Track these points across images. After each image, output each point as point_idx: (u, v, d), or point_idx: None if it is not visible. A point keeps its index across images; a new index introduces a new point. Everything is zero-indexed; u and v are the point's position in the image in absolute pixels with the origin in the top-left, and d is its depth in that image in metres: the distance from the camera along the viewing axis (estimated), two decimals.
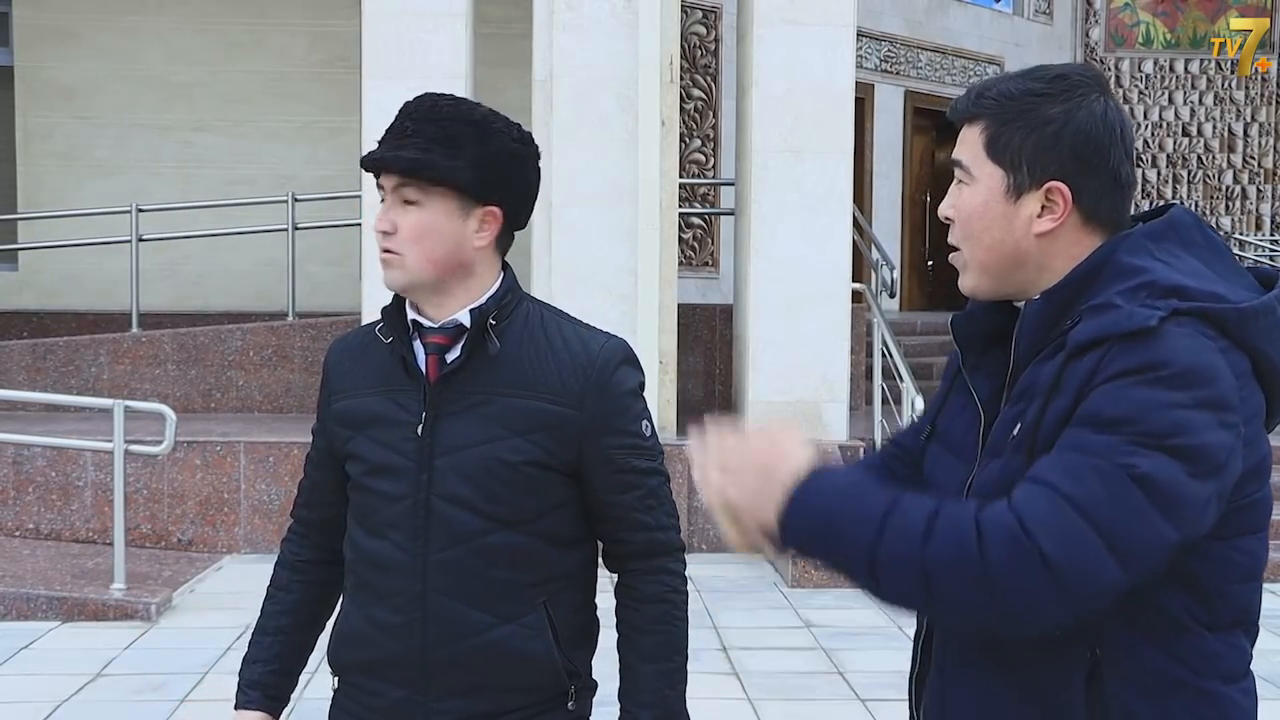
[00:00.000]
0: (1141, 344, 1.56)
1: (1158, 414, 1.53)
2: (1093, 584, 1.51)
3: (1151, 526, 1.52)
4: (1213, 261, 1.68)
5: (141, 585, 6.81)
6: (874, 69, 14.32)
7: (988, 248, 1.71)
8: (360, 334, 2.19)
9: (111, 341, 9.80)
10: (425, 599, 2.04)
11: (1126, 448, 1.52)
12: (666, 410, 8.33)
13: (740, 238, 9.00)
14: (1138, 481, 1.51)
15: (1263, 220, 16.61)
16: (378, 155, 2.03)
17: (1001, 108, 1.69)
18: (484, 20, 9.20)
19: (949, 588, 1.53)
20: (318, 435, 2.21)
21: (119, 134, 11.90)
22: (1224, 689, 1.67)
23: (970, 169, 1.71)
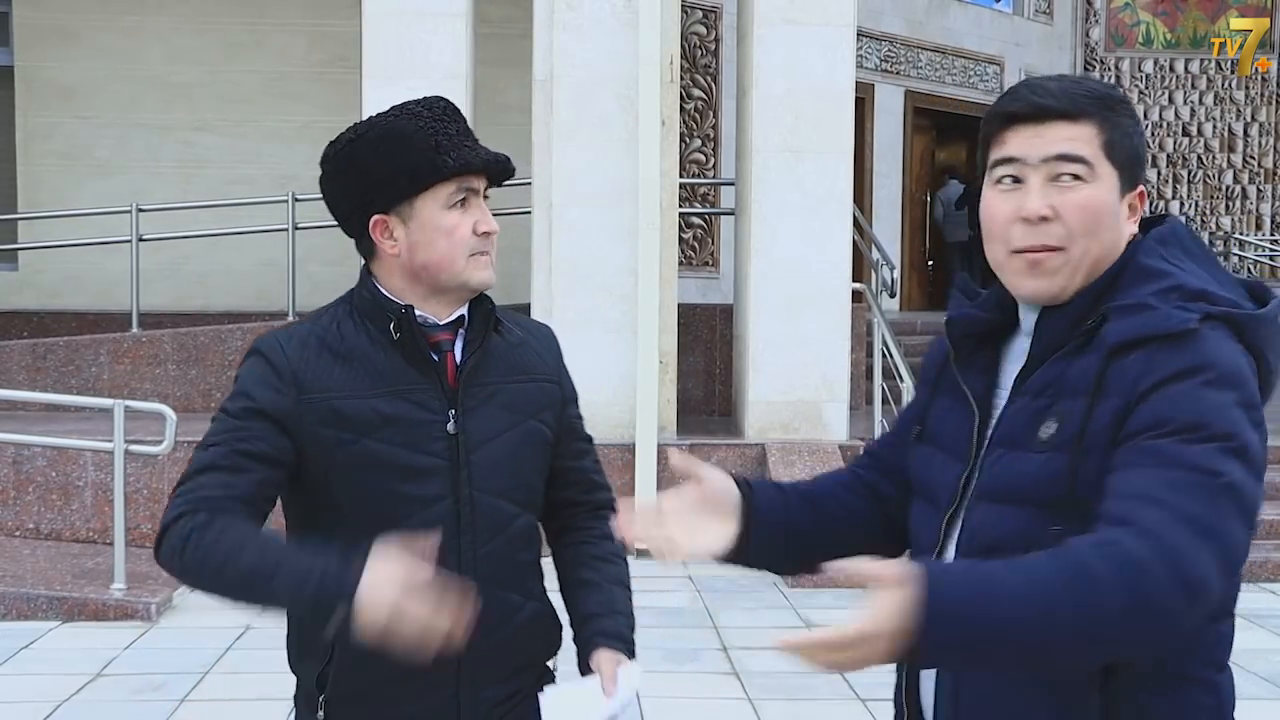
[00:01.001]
0: (1186, 346, 1.60)
1: (1220, 416, 1.57)
2: (1211, 596, 1.52)
3: (1242, 533, 1.56)
4: (1210, 269, 1.74)
5: (142, 585, 6.81)
6: (874, 69, 14.32)
7: (1106, 245, 1.72)
8: (309, 333, 2.07)
9: (112, 341, 9.80)
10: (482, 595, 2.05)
11: (1214, 455, 1.55)
12: (667, 410, 8.34)
13: (740, 237, 9.00)
14: (1231, 491, 1.55)
15: (1263, 220, 16.61)
16: (490, 157, 2.05)
17: (1105, 109, 1.72)
18: (484, 20, 9.20)
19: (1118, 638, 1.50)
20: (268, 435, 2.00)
21: (119, 134, 11.90)
22: (1218, 677, 1.71)
23: (1094, 166, 1.71)
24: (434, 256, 2.04)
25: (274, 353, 2.04)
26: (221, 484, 1.99)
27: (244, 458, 2.00)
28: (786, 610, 6.85)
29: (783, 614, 6.73)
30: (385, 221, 2.05)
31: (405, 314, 2.04)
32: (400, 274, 2.07)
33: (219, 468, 1.99)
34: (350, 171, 2.05)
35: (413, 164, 2.00)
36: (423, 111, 2.03)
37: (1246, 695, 3.08)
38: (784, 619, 6.63)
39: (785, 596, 7.13)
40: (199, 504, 1.97)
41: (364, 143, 2.04)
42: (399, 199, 2.03)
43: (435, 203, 2.03)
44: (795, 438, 8.33)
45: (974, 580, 1.50)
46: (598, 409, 8.27)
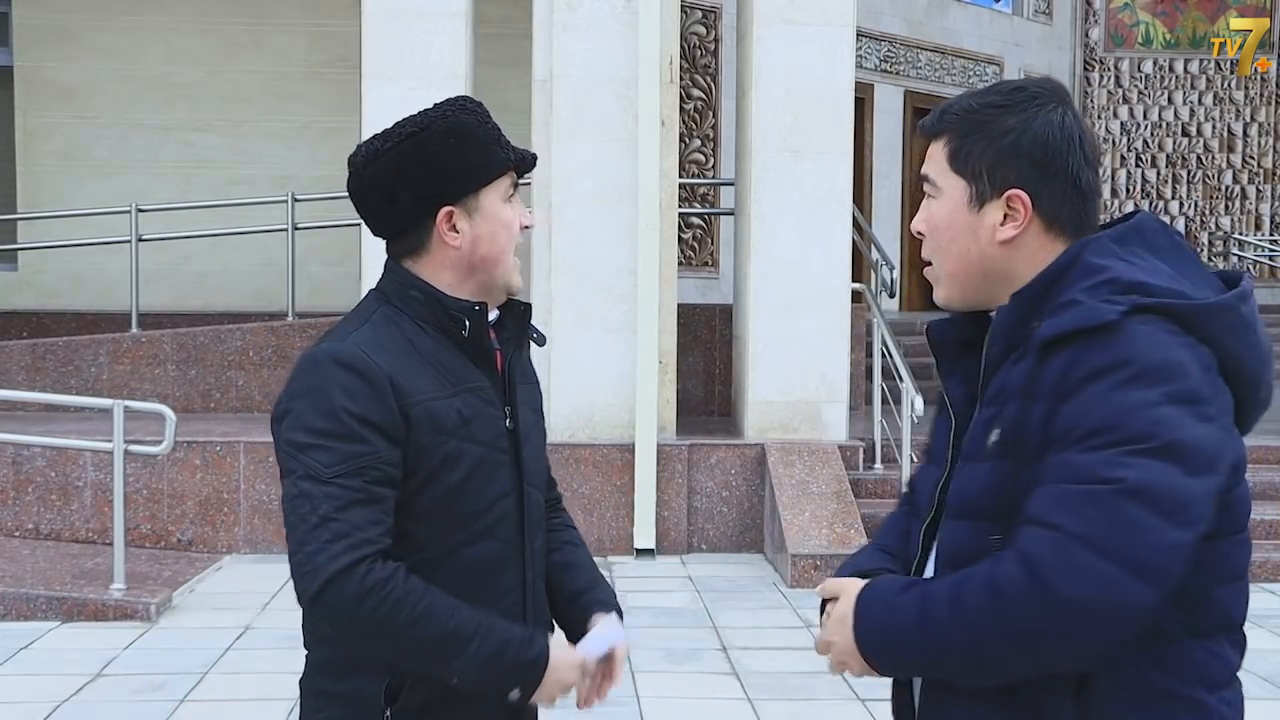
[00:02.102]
0: (1106, 341, 1.58)
1: (1133, 417, 1.54)
2: (1125, 610, 1.52)
3: (1160, 534, 1.52)
4: (1178, 264, 1.70)
5: (141, 585, 6.81)
6: (874, 69, 14.31)
7: (956, 257, 1.76)
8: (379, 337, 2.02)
9: (111, 341, 9.80)
10: (535, 588, 2.13)
11: (1112, 460, 1.53)
12: (666, 410, 8.34)
13: (740, 238, 9.00)
14: (1131, 495, 1.52)
15: (1262, 220, 16.61)
16: (530, 153, 2.13)
17: (963, 121, 1.75)
18: (484, 20, 9.20)
19: (998, 659, 1.59)
20: (387, 450, 1.95)
21: (119, 134, 11.90)
22: (1207, 697, 1.67)
23: (936, 182, 1.78)
24: (494, 250, 2.08)
25: (361, 360, 1.97)
26: (372, 520, 1.93)
27: (378, 485, 1.94)
28: (786, 610, 6.85)
29: (782, 614, 6.72)
30: (453, 213, 2.05)
31: (479, 312, 2.06)
32: (454, 268, 2.07)
33: (360, 502, 1.92)
34: (418, 164, 2.03)
35: (480, 156, 2.05)
36: (476, 108, 2.08)
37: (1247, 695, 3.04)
38: (783, 619, 6.63)
39: (785, 596, 7.13)
40: (367, 551, 1.91)
41: (431, 134, 2.04)
42: (468, 190, 2.05)
43: (496, 195, 2.08)
44: (794, 438, 8.33)
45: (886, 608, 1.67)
46: (597, 409, 8.28)
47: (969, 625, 1.58)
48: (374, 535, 1.92)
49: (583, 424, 8.25)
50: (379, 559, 1.92)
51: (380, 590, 1.89)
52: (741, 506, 8.28)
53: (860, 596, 1.70)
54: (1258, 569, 7.51)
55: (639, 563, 8.03)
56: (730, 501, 8.30)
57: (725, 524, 8.29)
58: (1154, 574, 1.53)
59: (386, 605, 1.89)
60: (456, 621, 1.92)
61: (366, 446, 1.94)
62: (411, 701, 2.00)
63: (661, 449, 8.18)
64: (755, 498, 8.26)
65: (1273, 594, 7.27)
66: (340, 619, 1.92)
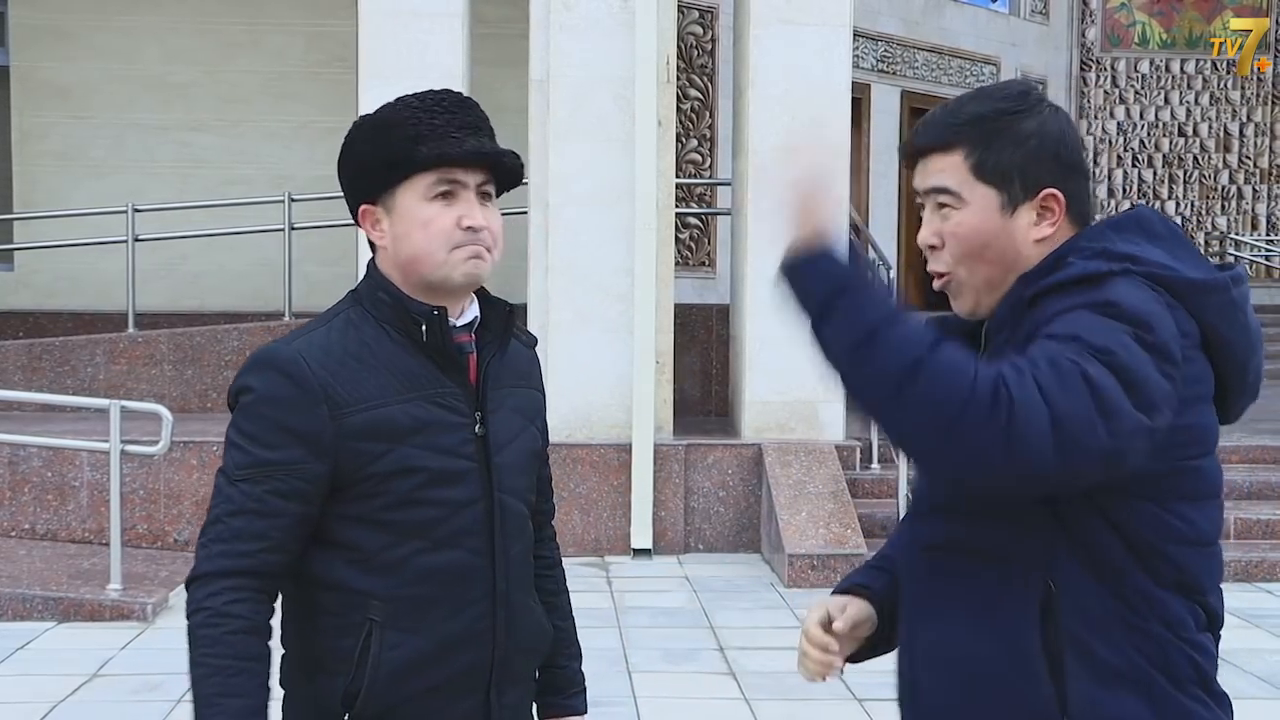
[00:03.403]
0: (1092, 286, 1.66)
1: (1101, 333, 1.61)
2: (1087, 445, 1.56)
3: (1085, 415, 1.57)
4: (1175, 249, 1.75)
5: (138, 585, 6.80)
6: (870, 69, 14.32)
7: (994, 263, 1.78)
8: (328, 340, 1.99)
9: (108, 341, 9.79)
10: (509, 598, 2.05)
11: (1079, 353, 1.59)
12: (663, 410, 8.34)
13: (737, 238, 9.00)
14: (1086, 380, 1.57)
15: (1259, 220, 16.63)
16: (471, 149, 1.99)
17: (979, 130, 1.77)
18: (481, 20, 9.19)
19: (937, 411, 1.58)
20: (304, 463, 1.94)
21: (115, 134, 11.89)
22: (1168, 635, 1.71)
23: (960, 194, 1.78)
24: (412, 249, 1.98)
25: (296, 366, 1.94)
26: (256, 534, 1.93)
27: (278, 498, 1.93)
28: (783, 610, 6.85)
29: (779, 614, 6.72)
30: (372, 211, 2.02)
31: (438, 316, 1.99)
32: (394, 268, 2.03)
33: (251, 511, 1.93)
34: (346, 160, 2.04)
35: (392, 153, 1.97)
36: (414, 102, 2.01)
37: (1244, 695, 3.11)
38: (780, 619, 6.63)
39: (782, 597, 7.13)
40: (235, 564, 1.92)
41: (359, 131, 2.03)
42: (381, 188, 2.00)
43: (414, 194, 1.98)
44: (792, 438, 8.33)
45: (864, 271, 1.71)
46: (594, 409, 8.28)
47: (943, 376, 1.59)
48: (250, 549, 1.92)
49: (580, 424, 8.25)
50: (246, 582, 1.93)
51: (208, 616, 1.91)
52: (738, 506, 8.28)
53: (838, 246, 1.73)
54: (1255, 568, 7.51)
55: (636, 562, 8.03)
56: (727, 501, 8.30)
57: (722, 524, 8.29)
58: (1067, 440, 1.56)
59: (201, 632, 1.91)
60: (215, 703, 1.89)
61: (277, 454, 1.93)
62: (376, 705, 1.97)
63: (658, 449, 8.18)
64: (752, 498, 8.26)
65: (1270, 594, 7.27)
66: (186, 612, 1.95)
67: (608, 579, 7.59)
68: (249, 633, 1.92)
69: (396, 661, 1.96)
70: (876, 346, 1.64)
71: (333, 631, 1.98)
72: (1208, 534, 1.76)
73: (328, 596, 1.99)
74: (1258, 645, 6.23)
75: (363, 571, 1.97)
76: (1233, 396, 1.78)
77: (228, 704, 1.89)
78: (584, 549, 8.09)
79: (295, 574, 2.00)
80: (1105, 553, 1.69)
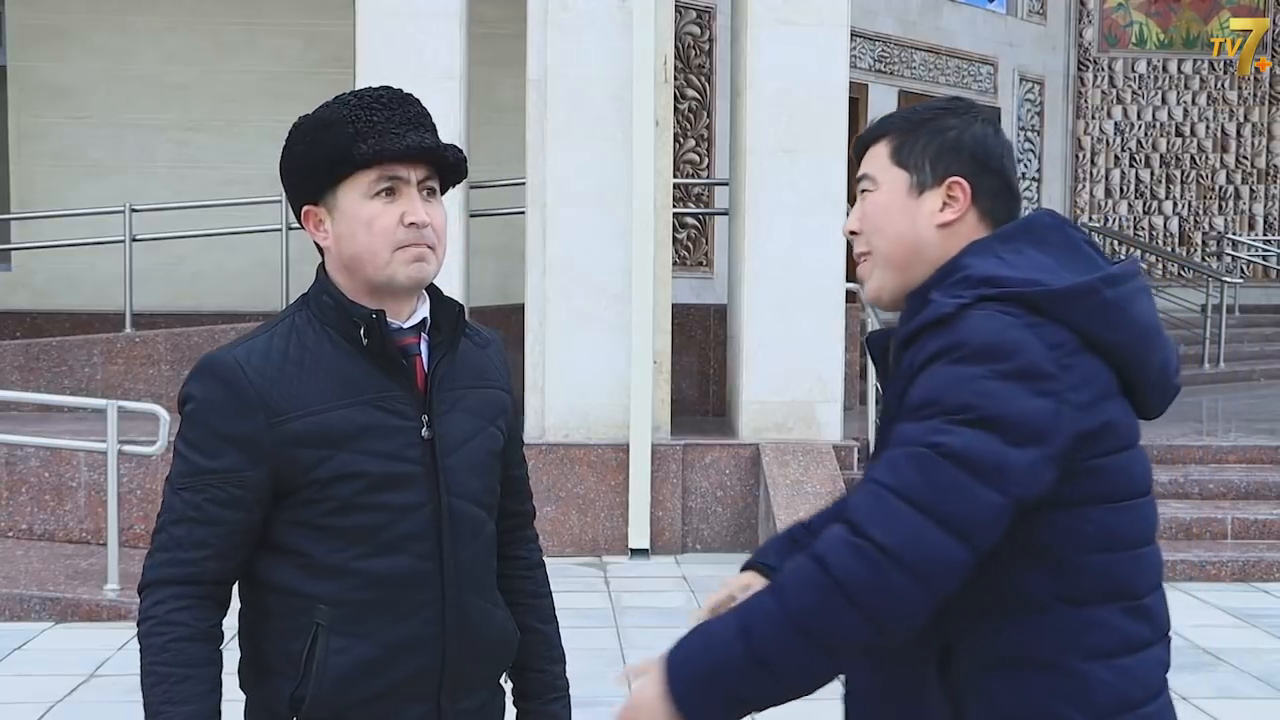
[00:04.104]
0: (945, 329, 1.71)
1: (957, 390, 1.66)
2: (935, 561, 1.61)
3: (971, 494, 1.62)
4: (1066, 257, 1.80)
5: (135, 586, 6.78)
6: (868, 69, 14.32)
7: (892, 239, 1.85)
8: (268, 346, 1.98)
9: (105, 342, 9.78)
10: (459, 602, 2.02)
11: (936, 428, 1.65)
12: (661, 410, 8.33)
13: (734, 238, 9.00)
14: (948, 458, 1.62)
15: (1255, 220, 16.64)
16: (410, 143, 1.95)
17: (906, 122, 1.88)
18: (479, 20, 9.19)
19: (827, 627, 1.62)
20: (241, 470, 1.93)
21: (113, 134, 11.88)
22: (1083, 665, 1.71)
23: (875, 177, 1.88)
24: (356, 249, 1.96)
25: (233, 373, 1.94)
26: (197, 542, 1.95)
27: (218, 506, 1.94)
28: None
29: None
30: (314, 212, 1.99)
31: (376, 319, 1.96)
32: (339, 270, 2.00)
33: (191, 520, 1.95)
34: (286, 162, 2.02)
35: (329, 151, 1.95)
36: (351, 99, 1.99)
37: (1242, 695, 3.13)
38: None
39: None
40: (177, 572, 1.95)
41: (298, 133, 2.01)
42: (322, 188, 1.97)
43: (356, 192, 1.95)
44: (789, 438, 8.33)
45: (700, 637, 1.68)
46: (592, 409, 8.28)
47: (796, 603, 1.63)
48: (192, 558, 1.95)
49: (577, 424, 8.25)
50: (191, 590, 1.95)
51: (155, 624, 1.94)
52: (736, 506, 8.28)
53: (668, 652, 1.70)
54: (1252, 568, 7.51)
55: (633, 562, 8.03)
56: (725, 501, 8.29)
57: (720, 524, 8.29)
58: (964, 530, 1.61)
59: (147, 640, 1.94)
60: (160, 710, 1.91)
61: (216, 463, 1.94)
62: (323, 709, 1.96)
63: (656, 449, 8.18)
64: (750, 498, 8.26)
65: (1268, 593, 7.28)
66: (137, 621, 1.98)
67: (605, 579, 7.59)
68: (192, 639, 1.94)
69: (342, 666, 1.95)
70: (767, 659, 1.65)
71: (281, 635, 1.98)
72: (1133, 537, 1.76)
73: (276, 600, 1.99)
74: (1256, 645, 6.24)
75: (310, 576, 1.97)
76: (1141, 393, 1.80)
77: (174, 711, 1.91)
78: (581, 549, 8.08)
79: (247, 578, 2.01)
80: (1024, 585, 1.70)
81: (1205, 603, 7.02)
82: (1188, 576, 7.43)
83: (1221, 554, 7.62)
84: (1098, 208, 16.29)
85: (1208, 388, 13.09)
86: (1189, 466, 8.64)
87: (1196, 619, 6.65)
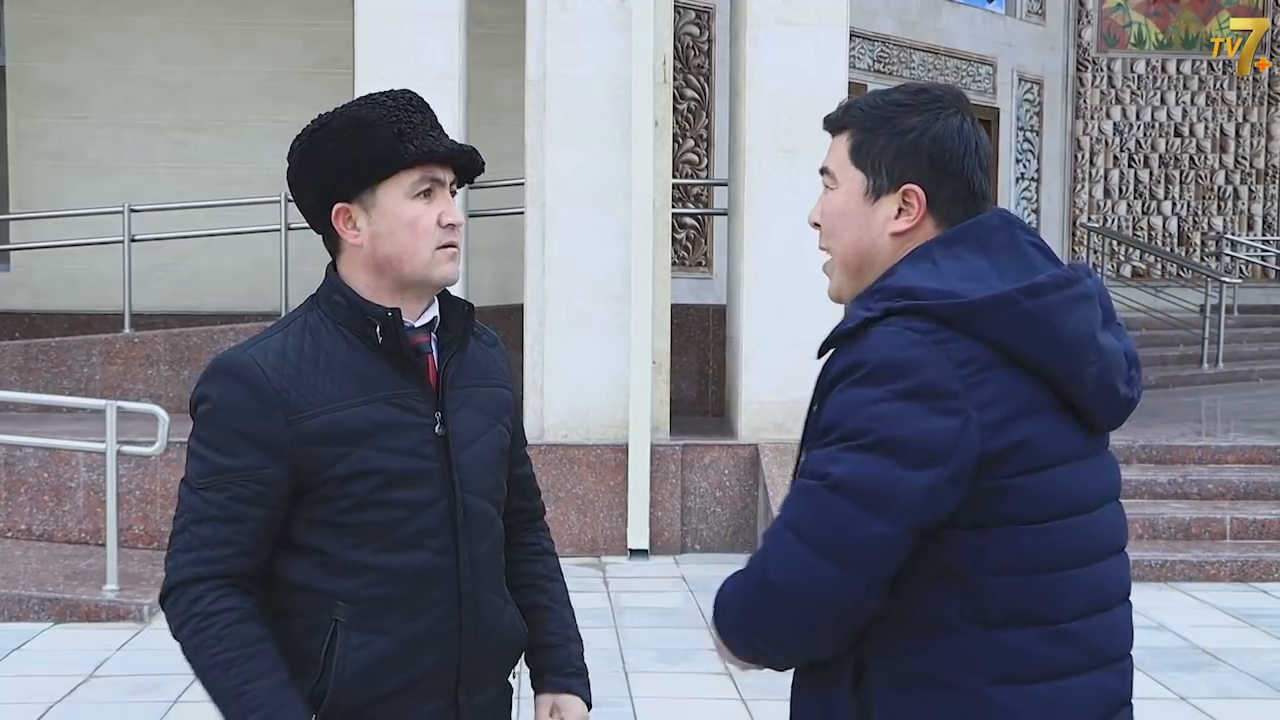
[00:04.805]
0: (851, 345, 1.70)
1: (854, 414, 1.65)
2: (821, 593, 1.64)
3: (858, 526, 1.62)
4: (1009, 261, 1.74)
5: (134, 586, 6.79)
6: (867, 69, 14.32)
7: (847, 244, 1.83)
8: (284, 345, 1.99)
9: (104, 342, 9.78)
10: (475, 597, 2.05)
11: (830, 456, 1.66)
12: (660, 410, 8.34)
13: (733, 238, 9.00)
14: (835, 489, 1.63)
15: (1254, 220, 16.64)
16: (454, 147, 2.01)
17: (866, 117, 1.82)
18: (477, 20, 9.19)
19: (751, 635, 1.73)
20: (263, 468, 1.94)
21: (112, 134, 11.88)
22: (989, 690, 1.66)
23: (835, 174, 1.85)
24: (396, 249, 1.99)
25: (251, 372, 1.95)
26: (223, 540, 1.94)
27: (241, 503, 1.94)
28: None
29: None
30: (348, 210, 2.00)
31: (392, 317, 1.99)
32: (364, 268, 2.02)
33: (215, 518, 1.94)
34: (313, 161, 2.02)
35: (374, 151, 1.97)
36: (386, 100, 2.01)
37: (1241, 695, 3.11)
38: None
39: None
40: (206, 570, 1.94)
41: (327, 131, 2.01)
42: (360, 186, 1.99)
43: (398, 191, 1.98)
44: (789, 438, 8.32)
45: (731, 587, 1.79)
46: (591, 409, 8.28)
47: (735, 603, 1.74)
48: (218, 555, 1.94)
49: (576, 424, 8.25)
50: (221, 584, 1.94)
51: (201, 620, 1.93)
52: (735, 507, 8.28)
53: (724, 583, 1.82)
54: (1250, 568, 7.51)
55: (632, 563, 8.03)
56: (724, 502, 8.30)
57: (719, 524, 8.29)
58: (852, 561, 1.62)
59: (200, 637, 1.93)
60: (250, 689, 1.90)
61: (237, 461, 1.94)
62: (344, 706, 1.97)
63: (655, 449, 8.18)
64: (749, 498, 8.26)
65: (1267, 593, 7.28)
66: (171, 628, 1.96)
67: (604, 579, 7.59)
68: (243, 620, 1.94)
69: (361, 662, 1.97)
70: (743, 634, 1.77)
71: (300, 633, 1.99)
72: (1054, 558, 1.68)
73: (294, 598, 2.00)
74: (1255, 645, 6.24)
75: (327, 573, 1.98)
76: (1082, 407, 1.71)
77: (256, 689, 1.91)
78: (581, 549, 8.09)
79: (264, 577, 2.01)
80: (935, 606, 1.67)
81: (1204, 603, 7.02)
82: (1187, 576, 7.44)
83: (1220, 554, 7.62)
84: (1097, 208, 16.29)
85: (1207, 388, 13.09)
86: (1188, 467, 8.65)
87: (1195, 619, 6.66)
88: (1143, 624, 6.30)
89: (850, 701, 1.72)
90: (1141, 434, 8.91)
